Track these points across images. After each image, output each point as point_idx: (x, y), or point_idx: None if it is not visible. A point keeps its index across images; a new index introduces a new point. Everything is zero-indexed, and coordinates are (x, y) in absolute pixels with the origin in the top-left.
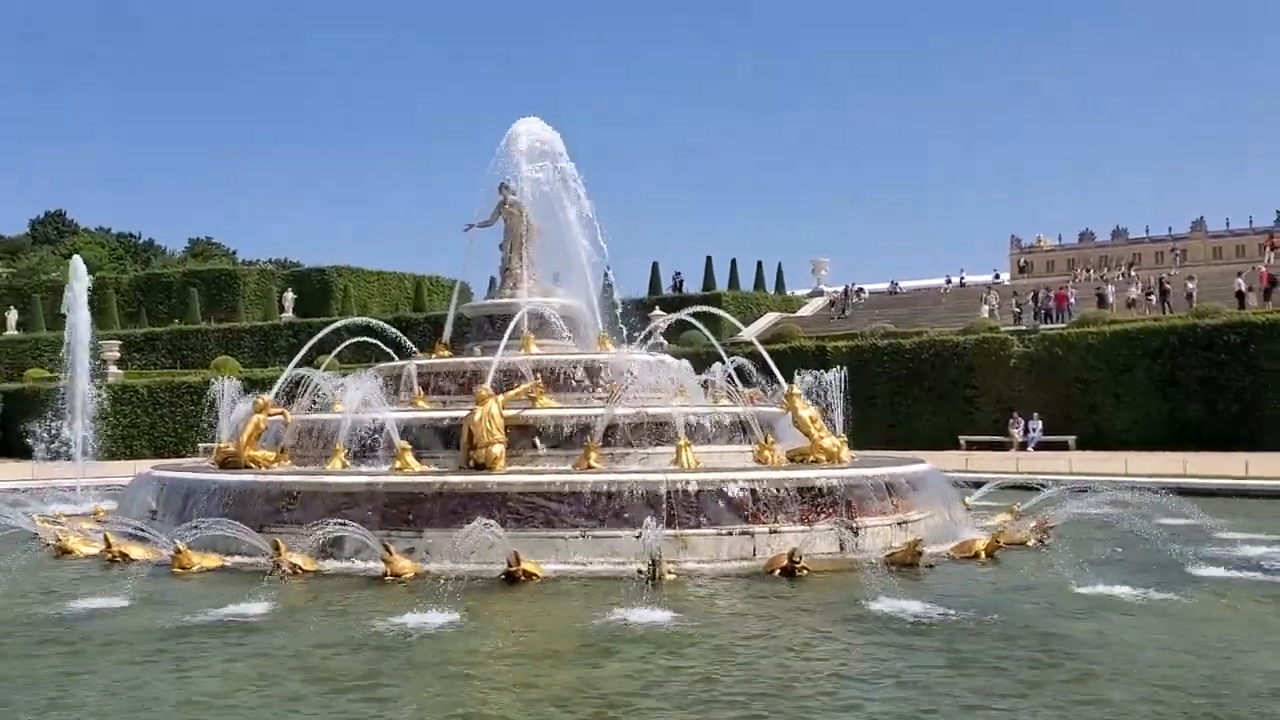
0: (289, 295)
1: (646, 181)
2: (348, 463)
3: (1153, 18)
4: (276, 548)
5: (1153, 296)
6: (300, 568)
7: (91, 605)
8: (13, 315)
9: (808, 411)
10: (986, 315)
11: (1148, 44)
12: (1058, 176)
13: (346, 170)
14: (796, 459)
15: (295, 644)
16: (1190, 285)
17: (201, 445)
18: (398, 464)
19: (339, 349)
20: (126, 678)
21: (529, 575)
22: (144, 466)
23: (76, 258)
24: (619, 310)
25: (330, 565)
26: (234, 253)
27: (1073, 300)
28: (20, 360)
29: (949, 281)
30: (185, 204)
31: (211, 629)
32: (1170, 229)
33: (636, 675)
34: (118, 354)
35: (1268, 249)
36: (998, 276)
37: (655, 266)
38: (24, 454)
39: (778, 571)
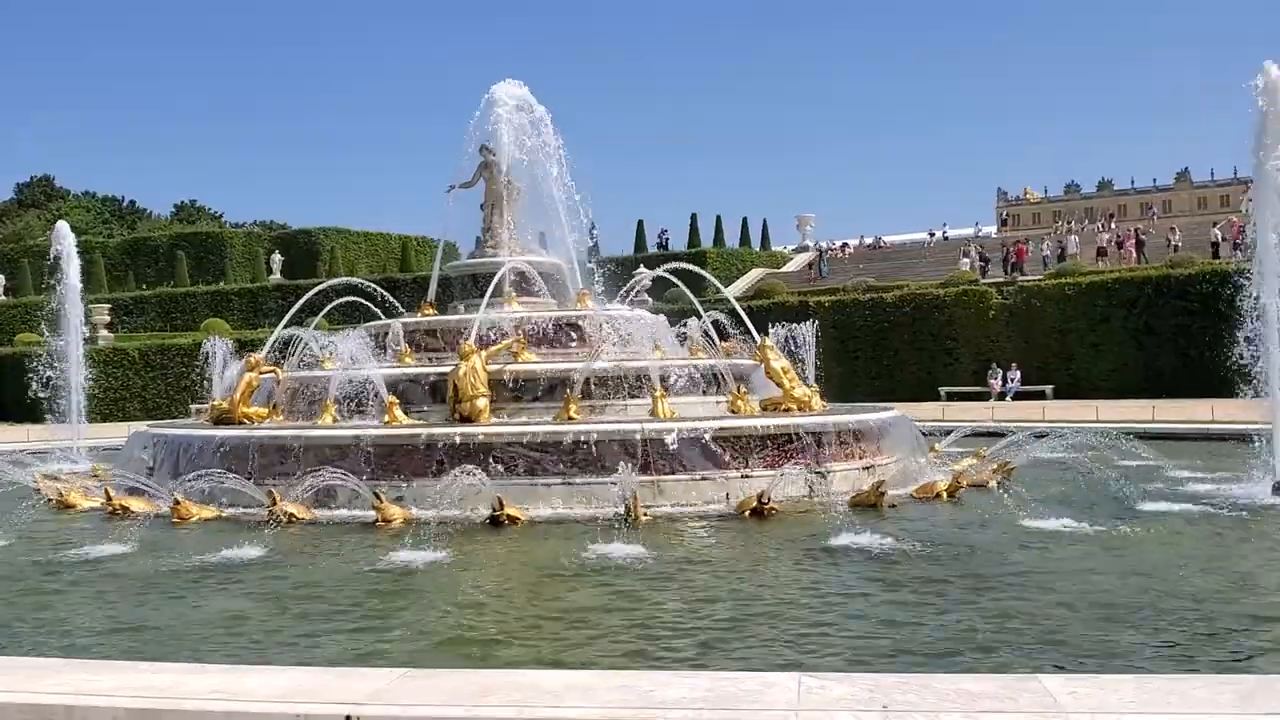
0: (276, 257)
1: (633, 140)
2: (338, 417)
3: None
4: (272, 497)
5: (1127, 245)
6: (295, 516)
7: (100, 551)
8: None
9: (780, 363)
10: (967, 268)
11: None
12: (1046, 129)
13: (331, 131)
14: (769, 408)
15: (294, 577)
16: (1174, 237)
17: (193, 406)
18: (386, 418)
19: (327, 309)
20: (141, 606)
21: (512, 519)
22: (138, 427)
23: (61, 223)
24: (595, 269)
25: (323, 514)
26: (220, 215)
27: (1046, 252)
28: (10, 325)
29: (932, 235)
30: (170, 167)
31: (215, 567)
32: (1155, 180)
33: (605, 596)
34: (108, 317)
35: (1247, 199)
36: (979, 230)
37: (640, 225)
38: (16, 417)
39: (747, 513)
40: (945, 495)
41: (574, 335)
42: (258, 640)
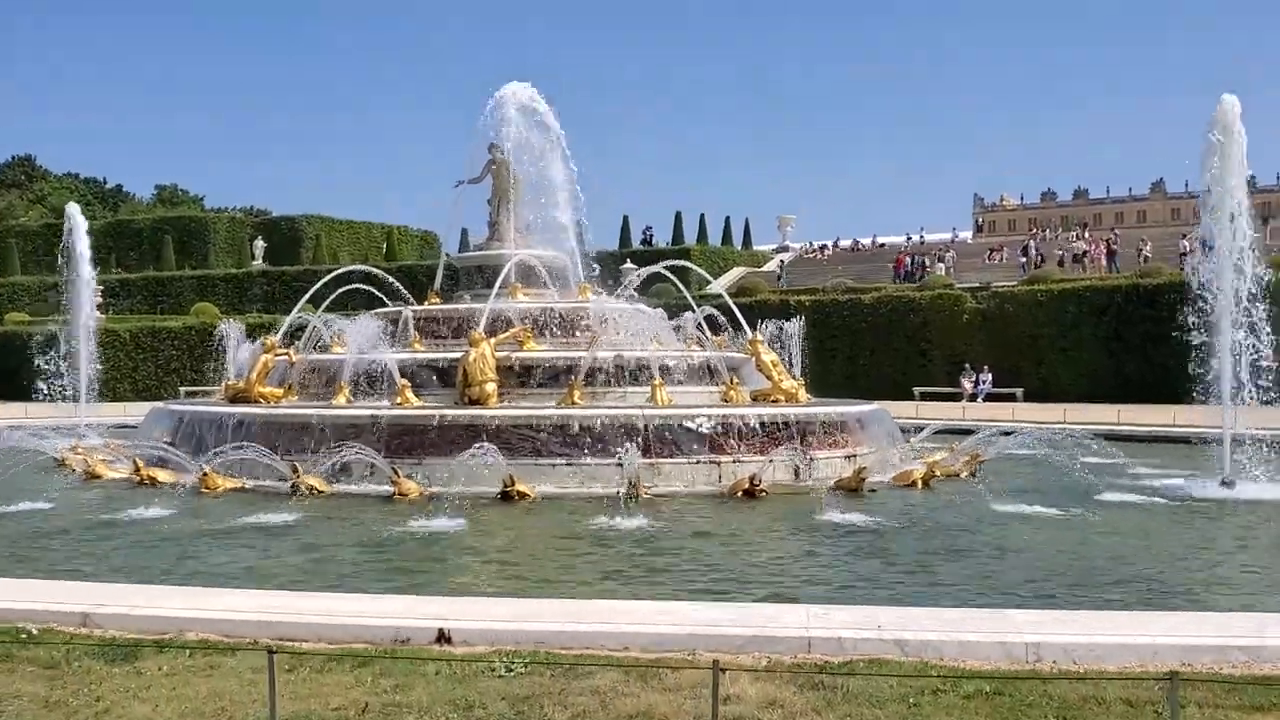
0: (259, 243)
1: (619, 137)
2: (351, 399)
3: None
4: (295, 471)
5: (1094, 253)
6: (316, 489)
7: (144, 514)
8: None
9: (769, 356)
10: (942, 273)
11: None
12: (1029, 138)
13: (313, 119)
14: (759, 399)
15: (333, 537)
16: (1144, 248)
17: (183, 389)
18: (398, 400)
19: (331, 297)
20: (203, 555)
21: (522, 495)
22: (133, 408)
23: (72, 204)
24: (594, 266)
25: (341, 488)
26: (201, 199)
27: (1022, 258)
28: None
29: (909, 239)
30: (149, 150)
31: (257, 528)
32: (1130, 190)
33: (619, 555)
34: (99, 299)
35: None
36: (955, 235)
37: (626, 220)
38: (7, 395)
39: (740, 494)
40: (921, 483)
41: (577, 326)
42: (322, 582)
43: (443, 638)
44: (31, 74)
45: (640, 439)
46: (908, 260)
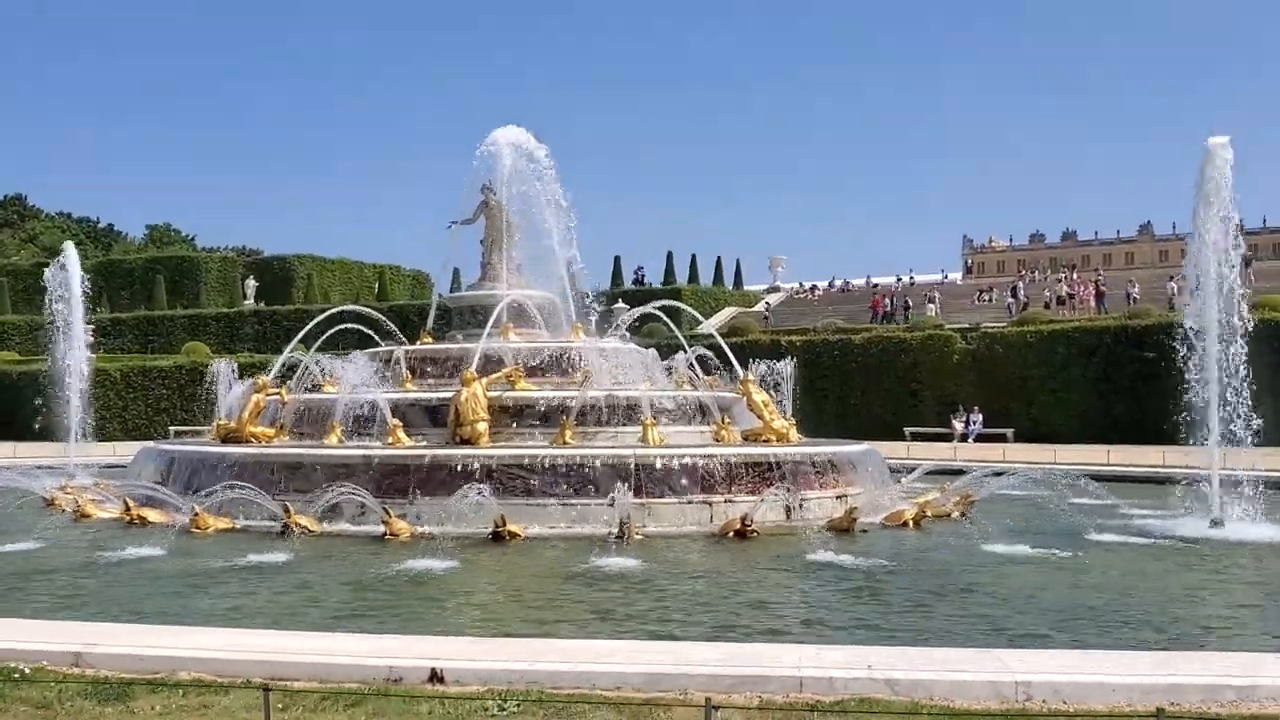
0: (250, 283)
1: (609, 175)
2: (343, 438)
3: (1116, 17)
4: (287, 510)
5: (1082, 295)
6: (307, 529)
7: (135, 554)
8: None
9: (761, 396)
10: (932, 314)
11: (1120, 45)
12: (1021, 180)
13: (305, 158)
14: (750, 438)
15: (325, 577)
16: (1133, 289)
17: (173, 428)
18: (390, 439)
19: (323, 337)
20: (195, 596)
21: (513, 535)
22: (122, 447)
23: (69, 243)
24: (589, 302)
25: (332, 528)
26: (193, 239)
27: (1010, 300)
28: None
29: (899, 280)
30: (142, 189)
31: (249, 568)
32: (1119, 232)
33: (613, 596)
34: (90, 338)
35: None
36: (945, 276)
37: (617, 260)
38: (1, 434)
39: (731, 534)
40: (912, 523)
41: (568, 365)
42: (314, 622)
43: (435, 677)
44: (23, 113)
45: (632, 479)
46: (886, 301)
